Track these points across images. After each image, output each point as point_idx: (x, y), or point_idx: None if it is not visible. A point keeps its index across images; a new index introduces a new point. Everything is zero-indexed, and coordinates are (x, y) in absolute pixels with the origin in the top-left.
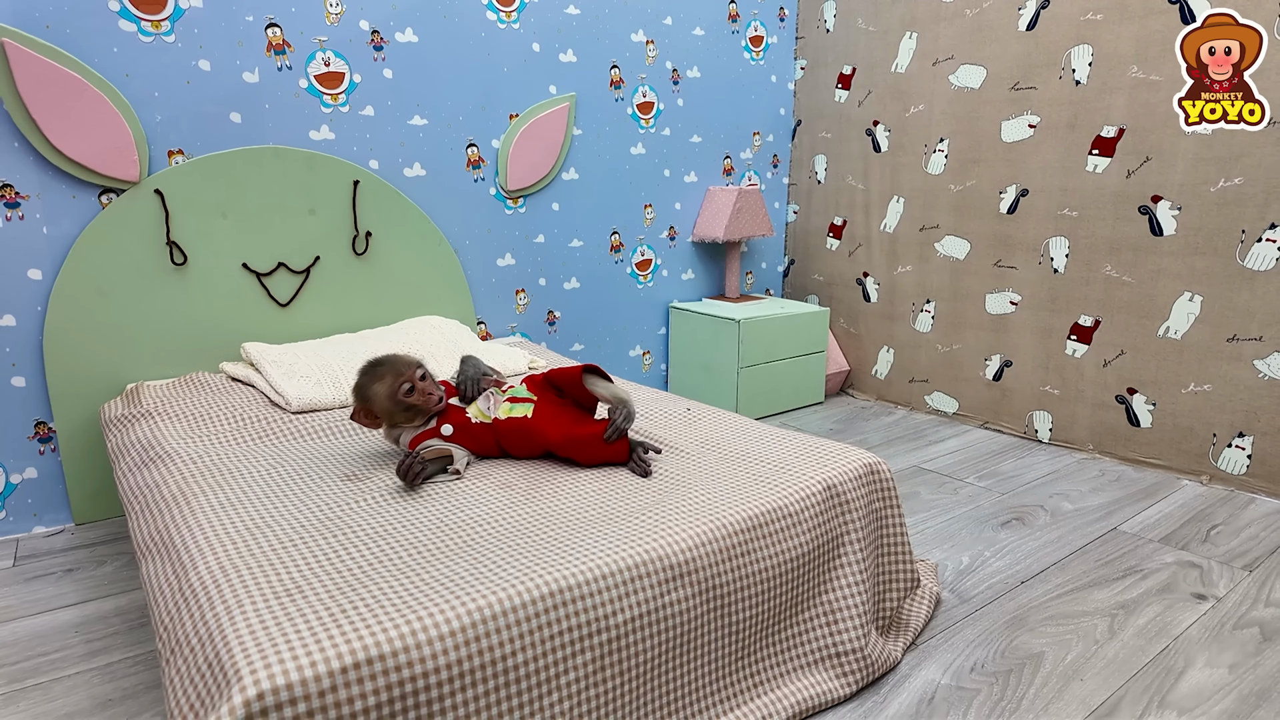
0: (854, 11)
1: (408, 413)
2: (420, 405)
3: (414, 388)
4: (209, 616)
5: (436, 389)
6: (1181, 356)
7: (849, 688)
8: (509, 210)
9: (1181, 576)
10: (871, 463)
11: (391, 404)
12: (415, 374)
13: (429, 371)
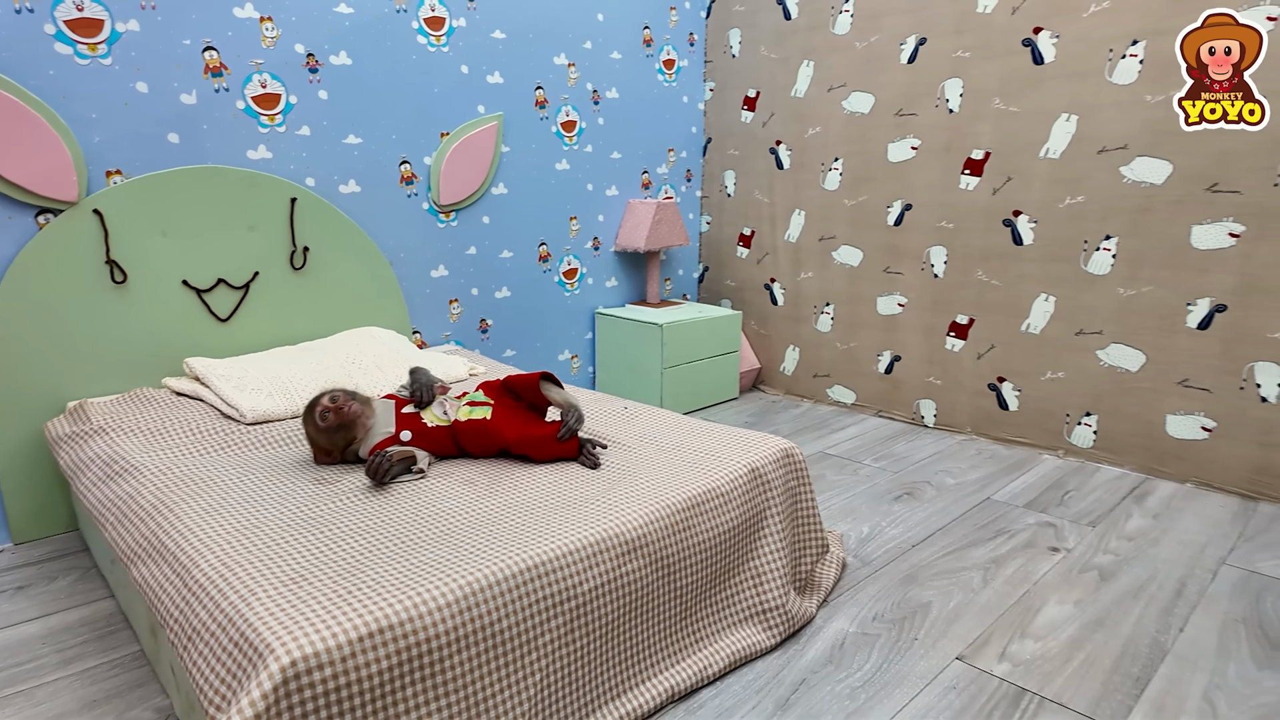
0: (757, 40)
1: (342, 432)
2: (343, 420)
3: (328, 410)
4: (225, 605)
5: (351, 402)
6: (1040, 349)
7: (774, 639)
8: (441, 224)
9: (1040, 534)
10: (787, 448)
11: (325, 435)
12: (324, 400)
13: (340, 392)
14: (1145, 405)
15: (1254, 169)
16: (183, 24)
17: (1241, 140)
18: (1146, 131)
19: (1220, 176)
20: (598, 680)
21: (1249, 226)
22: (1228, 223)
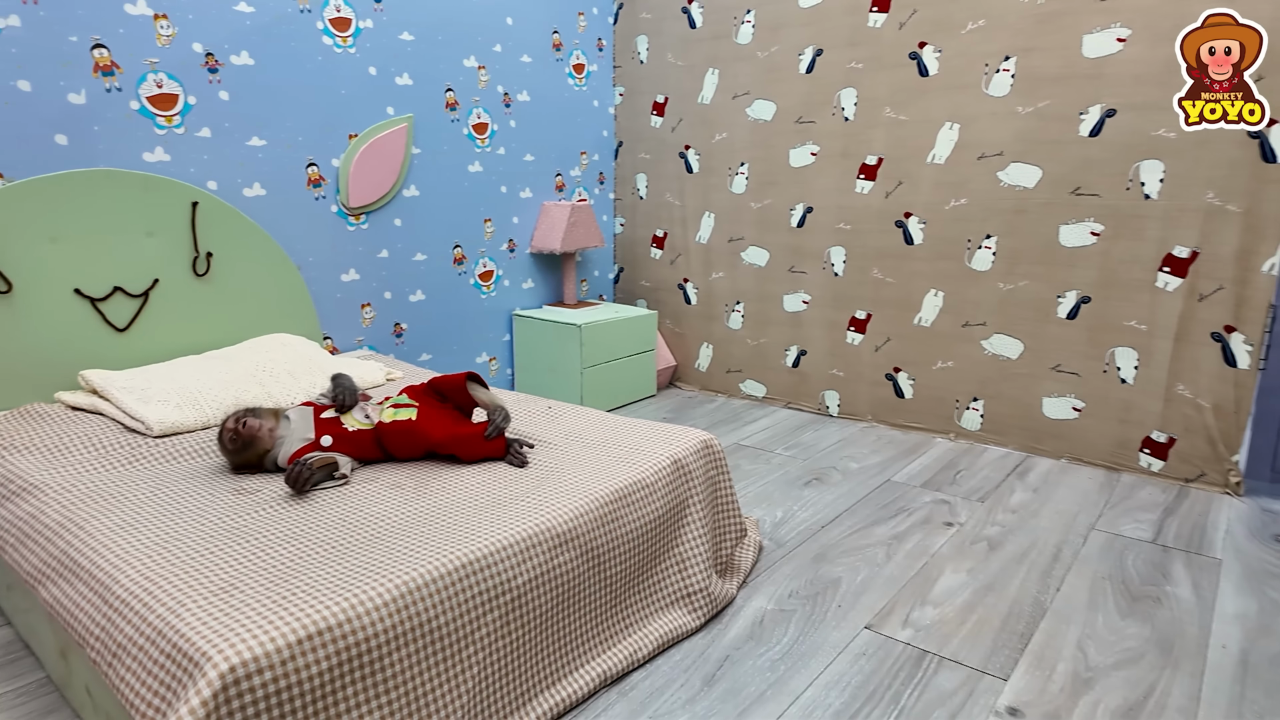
0: (664, 47)
1: (250, 449)
2: (247, 438)
3: (235, 434)
4: (152, 619)
5: (248, 418)
6: (931, 340)
7: (699, 620)
8: (351, 227)
9: (936, 511)
10: (707, 439)
11: (235, 455)
12: (228, 423)
13: (245, 412)
14: (1024, 389)
15: (1110, 174)
16: (69, 20)
17: (1098, 148)
18: (1018, 140)
19: (1082, 181)
20: (533, 669)
21: (1107, 226)
22: (1089, 223)
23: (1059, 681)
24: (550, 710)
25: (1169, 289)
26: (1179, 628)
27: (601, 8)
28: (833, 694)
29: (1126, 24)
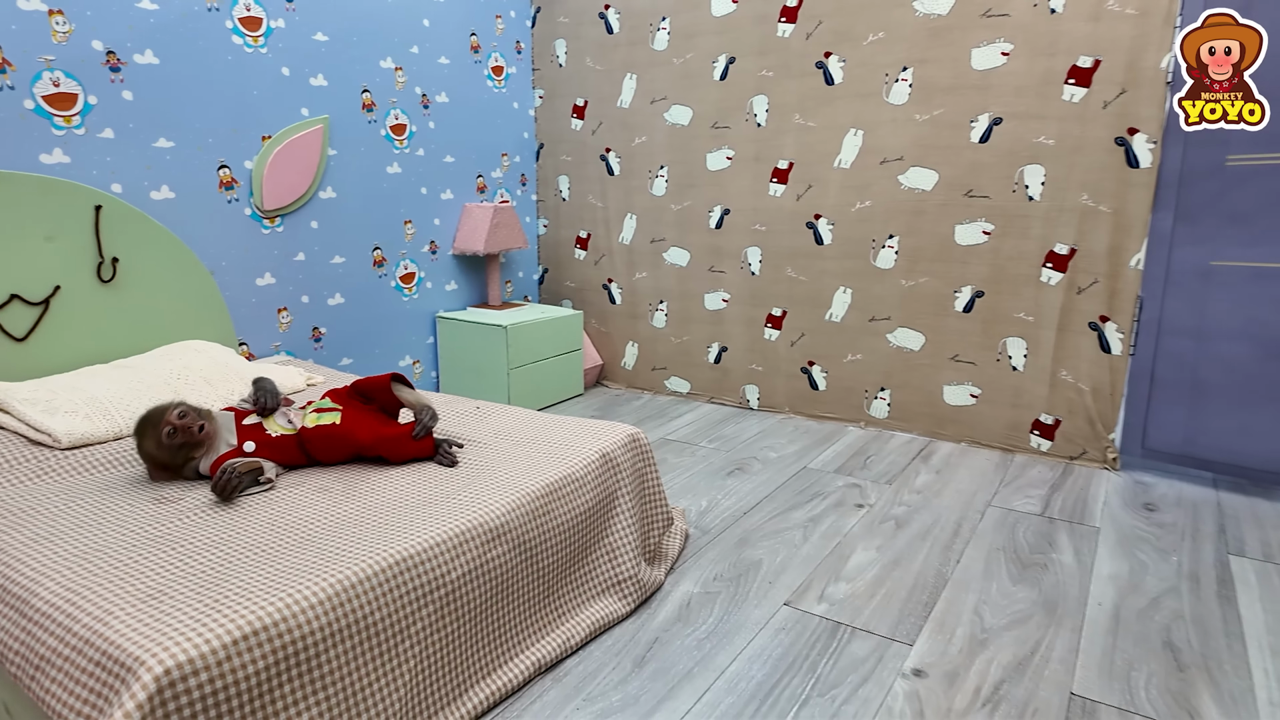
0: (583, 51)
1: (184, 450)
2: (191, 440)
3: (175, 429)
4: (77, 629)
5: (200, 419)
6: (841, 335)
7: (629, 607)
8: (266, 230)
9: (848, 494)
10: (634, 433)
11: (165, 452)
12: (172, 415)
13: (188, 408)
14: (926, 379)
15: (998, 178)
16: None
17: (987, 153)
18: (916, 145)
19: (974, 184)
20: (469, 661)
21: (997, 225)
22: (981, 222)
23: (958, 643)
24: (487, 699)
25: (1051, 283)
26: (1062, 590)
27: (519, 11)
28: (755, 666)
29: (1009, 39)
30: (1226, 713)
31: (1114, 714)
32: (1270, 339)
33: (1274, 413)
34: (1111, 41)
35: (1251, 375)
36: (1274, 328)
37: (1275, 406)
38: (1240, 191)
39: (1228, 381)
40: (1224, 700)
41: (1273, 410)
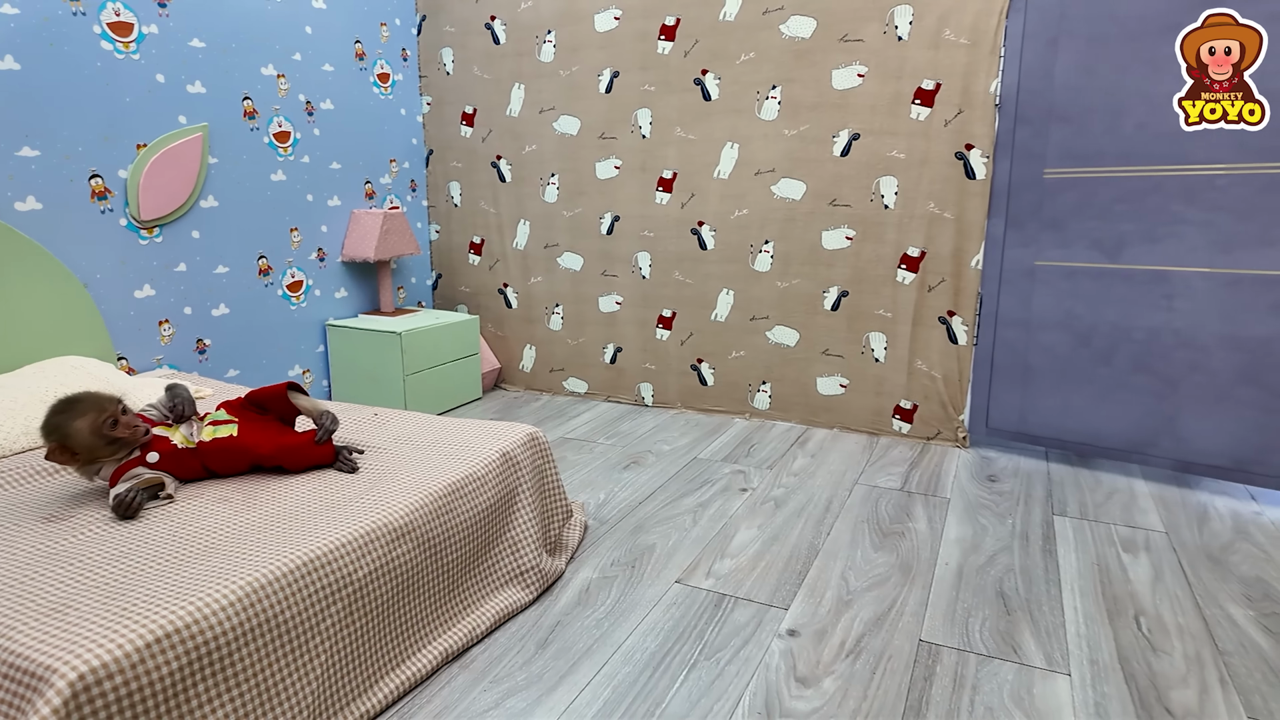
0: (470, 60)
1: (110, 446)
2: (126, 438)
3: (118, 422)
4: None
5: (138, 421)
6: (726, 333)
7: (531, 595)
8: (144, 240)
9: (734, 480)
10: (532, 432)
11: (95, 439)
12: (117, 409)
13: (127, 405)
14: (802, 372)
15: (858, 188)
16: None
17: (848, 166)
18: (786, 158)
19: (837, 194)
20: (379, 654)
21: (858, 231)
22: (844, 229)
23: (827, 605)
24: (397, 689)
25: (906, 283)
26: (916, 553)
27: (404, 19)
28: (649, 639)
29: (864, 63)
30: (1042, 645)
31: (954, 654)
32: (1080, 329)
33: (1086, 393)
34: (949, 67)
35: (1068, 361)
36: (1083, 319)
37: (1087, 388)
38: (1055, 200)
39: (1050, 367)
40: (1040, 635)
41: (1085, 391)
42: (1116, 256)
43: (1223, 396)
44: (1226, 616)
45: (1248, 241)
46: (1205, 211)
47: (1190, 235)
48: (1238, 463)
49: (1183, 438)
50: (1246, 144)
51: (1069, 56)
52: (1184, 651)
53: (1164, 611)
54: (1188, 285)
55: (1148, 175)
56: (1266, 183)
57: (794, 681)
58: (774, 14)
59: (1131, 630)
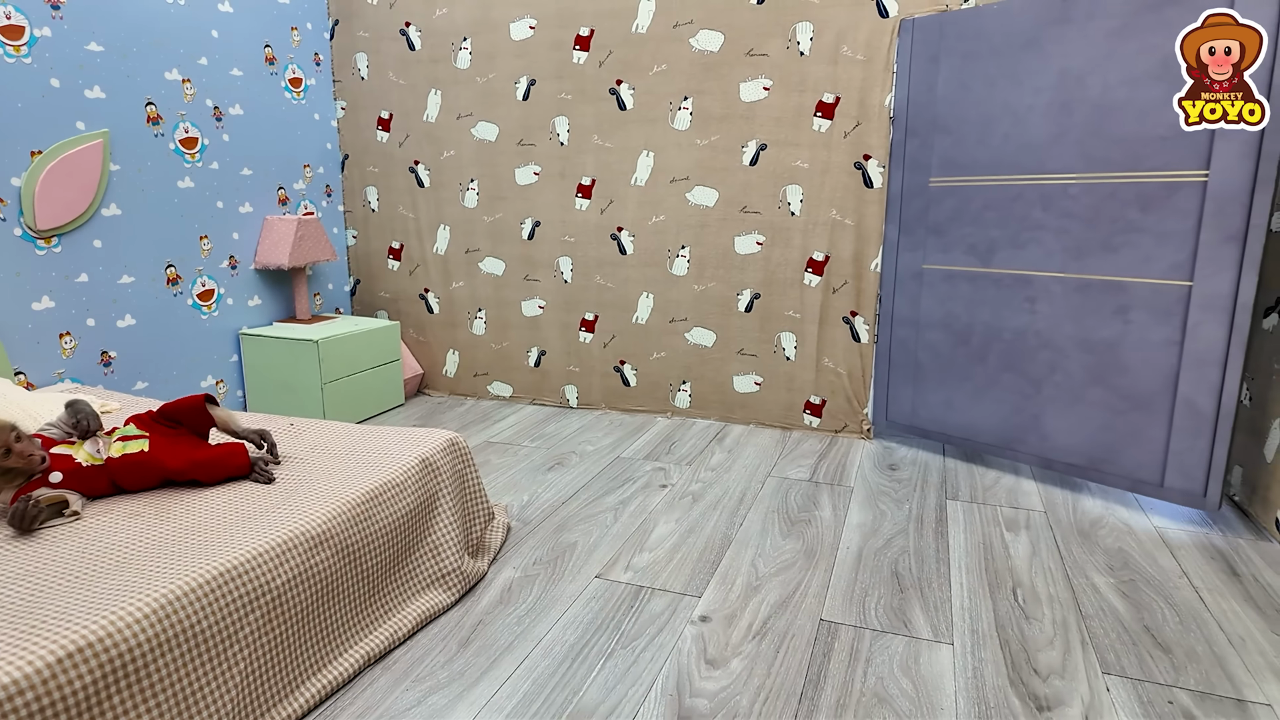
0: (385, 65)
1: (5, 476)
2: (21, 468)
3: (10, 451)
4: None
5: (34, 448)
6: (647, 335)
7: (453, 597)
8: (41, 251)
9: (655, 477)
10: (452, 438)
11: None
12: (10, 438)
13: (22, 432)
14: (719, 371)
15: (766, 196)
16: None
17: (756, 175)
18: (698, 167)
19: (747, 201)
20: (299, 659)
21: (767, 237)
22: (755, 234)
23: (737, 591)
24: (318, 693)
25: (812, 285)
26: (820, 539)
27: (316, 24)
28: (569, 632)
29: (769, 76)
30: (930, 618)
31: (851, 631)
32: (959, 329)
33: (965, 390)
34: (847, 82)
35: (949, 359)
36: (961, 319)
37: (966, 385)
38: (937, 208)
39: (935, 364)
40: (929, 609)
41: (964, 388)
42: (988, 261)
43: (1077, 397)
44: (1091, 585)
45: (1094, 248)
46: (1059, 219)
47: (1048, 241)
48: (1091, 461)
49: (1046, 435)
50: (1092, 154)
51: (948, 72)
52: (1052, 618)
53: (1038, 583)
54: (1046, 289)
55: (1011, 184)
56: (1109, 192)
57: (704, 664)
58: (684, 27)
59: (1009, 601)
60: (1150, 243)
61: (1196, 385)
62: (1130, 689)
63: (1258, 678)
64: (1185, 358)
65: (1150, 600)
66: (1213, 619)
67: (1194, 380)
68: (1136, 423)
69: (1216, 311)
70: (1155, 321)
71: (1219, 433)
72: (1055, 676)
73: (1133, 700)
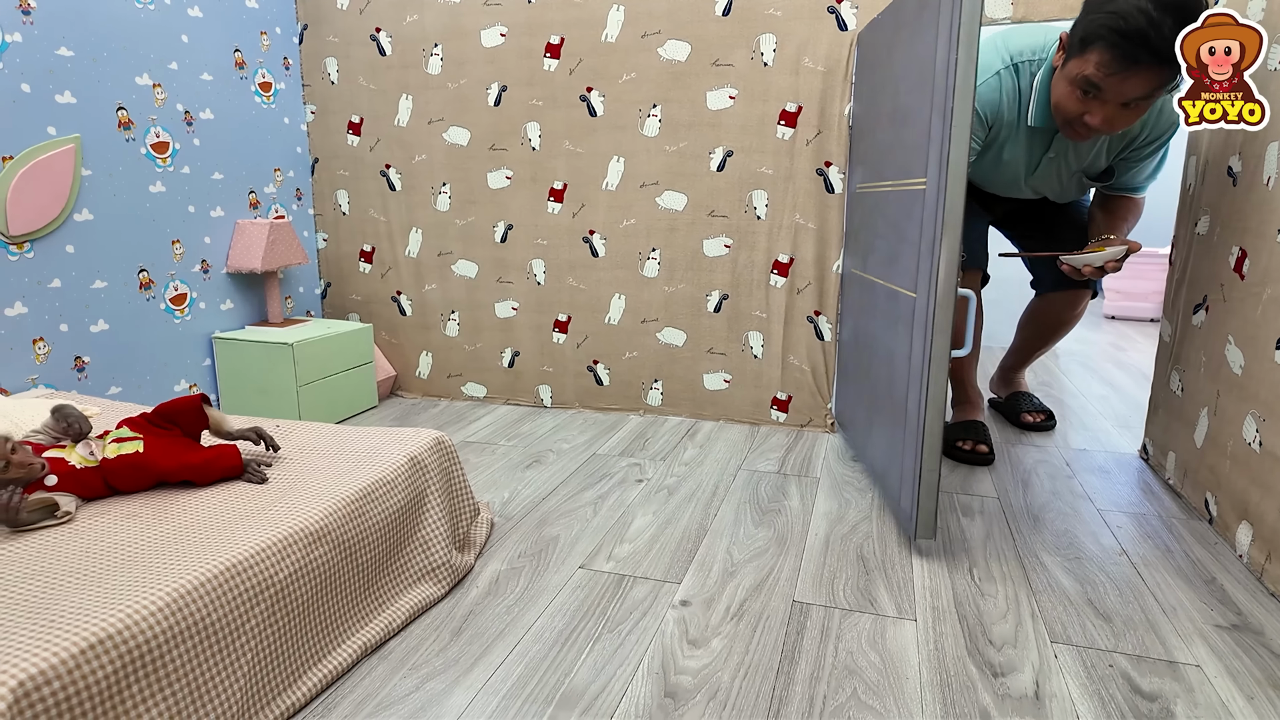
0: (355, 70)
1: (5, 486)
2: (22, 477)
3: (9, 463)
4: None
5: (31, 456)
6: (619, 336)
7: (443, 589)
8: (14, 257)
9: (631, 473)
10: (439, 436)
11: None
12: (7, 449)
13: (17, 443)
14: (690, 369)
15: (733, 200)
16: None
17: (724, 180)
18: (667, 172)
19: (715, 205)
20: (301, 651)
21: (734, 240)
22: (723, 238)
23: (714, 577)
24: (320, 682)
25: (778, 286)
26: (790, 527)
27: (285, 28)
28: (557, 619)
29: (734, 86)
30: (894, 597)
31: (821, 610)
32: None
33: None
34: (808, 92)
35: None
36: (857, 324)
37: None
38: (858, 213)
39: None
40: (893, 589)
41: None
42: (865, 266)
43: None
44: (1040, 564)
45: (888, 255)
46: (886, 226)
47: (882, 248)
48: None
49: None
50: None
51: (871, 79)
52: (1005, 594)
53: (991, 563)
54: (877, 294)
55: (879, 191)
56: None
57: (686, 644)
58: (652, 37)
59: (966, 579)
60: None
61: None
62: (1075, 655)
63: (1187, 641)
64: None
65: (1093, 575)
66: (1148, 590)
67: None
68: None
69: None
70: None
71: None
72: (1009, 646)
73: (1077, 665)
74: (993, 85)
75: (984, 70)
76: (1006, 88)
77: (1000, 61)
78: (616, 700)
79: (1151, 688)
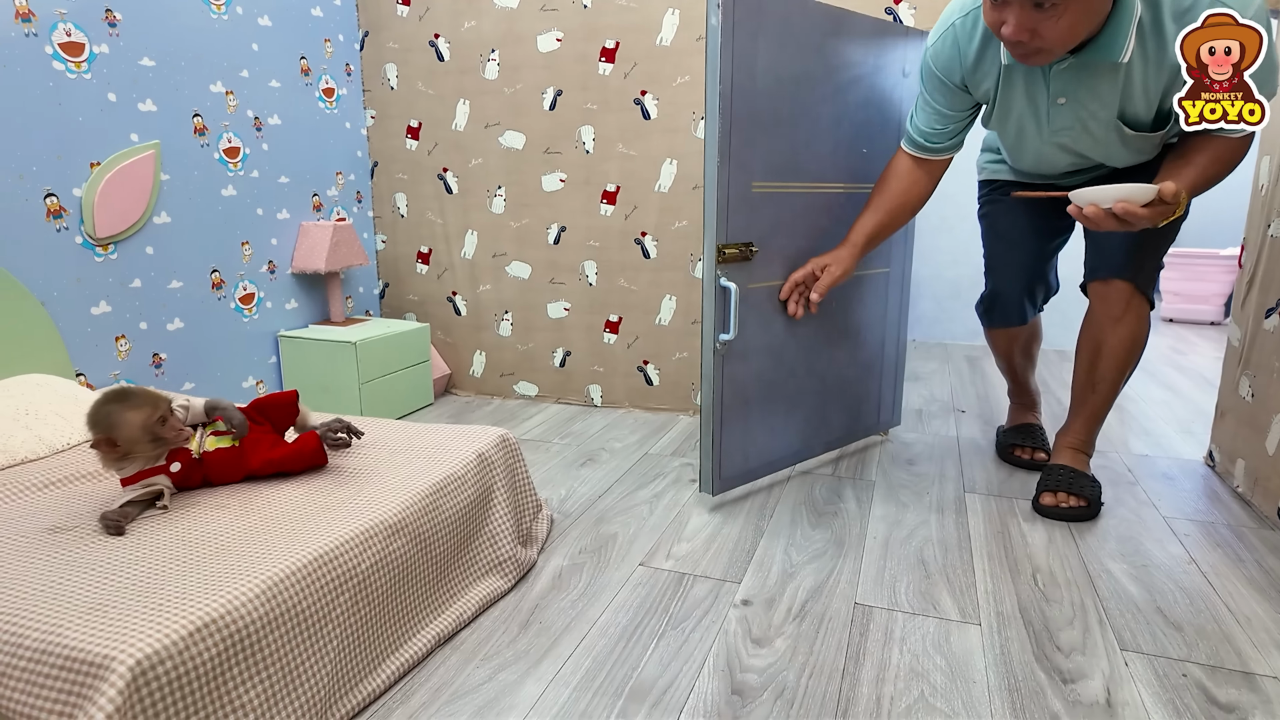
0: (414, 76)
1: (153, 444)
2: (170, 440)
3: (167, 421)
4: (28, 643)
5: (181, 424)
6: (669, 336)
7: (510, 583)
8: (99, 258)
9: (684, 473)
10: (503, 434)
11: (142, 434)
12: (167, 408)
13: (168, 410)
14: None
15: None
16: None
17: None
18: None
19: None
20: (381, 639)
21: None
22: None
23: (774, 578)
24: (398, 669)
25: None
26: (848, 530)
27: (348, 35)
28: (621, 615)
29: None
30: (957, 601)
31: (884, 613)
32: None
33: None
34: None
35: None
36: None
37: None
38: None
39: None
40: (955, 593)
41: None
42: None
43: None
44: (1105, 570)
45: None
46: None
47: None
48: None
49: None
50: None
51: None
52: (1071, 600)
53: (1055, 568)
54: None
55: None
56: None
57: (750, 643)
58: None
59: (1029, 585)
60: None
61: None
62: (1146, 663)
63: (1263, 653)
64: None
65: (1161, 583)
66: (1220, 600)
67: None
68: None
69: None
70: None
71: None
72: (1077, 653)
73: (1149, 674)
74: (946, 39)
75: (939, 28)
76: (962, 36)
77: (959, 10)
78: (684, 695)
79: (1228, 699)
